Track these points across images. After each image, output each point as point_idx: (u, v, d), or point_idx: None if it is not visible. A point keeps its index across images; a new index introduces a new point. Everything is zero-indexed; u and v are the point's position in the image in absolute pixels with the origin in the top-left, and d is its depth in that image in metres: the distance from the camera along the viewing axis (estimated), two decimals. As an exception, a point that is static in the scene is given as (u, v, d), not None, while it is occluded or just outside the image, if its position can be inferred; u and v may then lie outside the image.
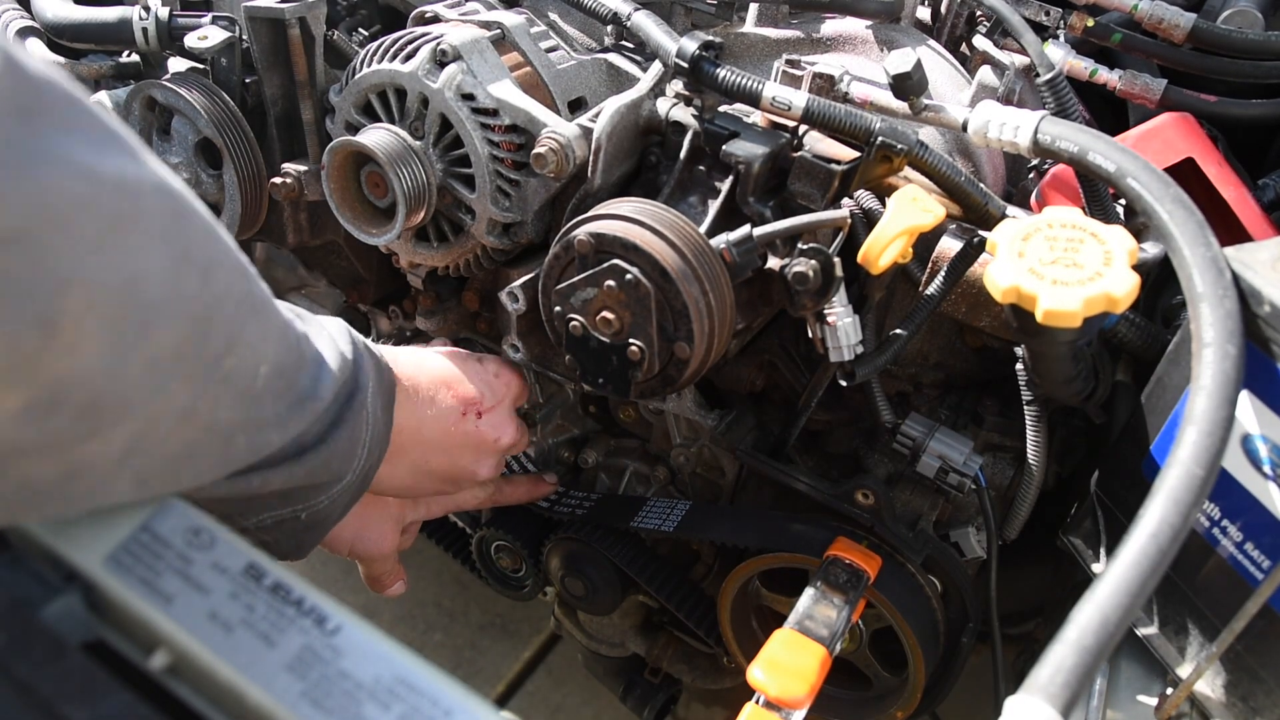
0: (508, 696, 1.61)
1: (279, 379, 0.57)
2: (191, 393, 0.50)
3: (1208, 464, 0.49)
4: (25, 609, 0.52)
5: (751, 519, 0.90)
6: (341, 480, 0.67)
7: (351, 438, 0.66)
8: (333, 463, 0.65)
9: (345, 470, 0.67)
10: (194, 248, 0.48)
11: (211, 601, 0.53)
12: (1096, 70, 0.93)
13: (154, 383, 0.47)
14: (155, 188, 0.45)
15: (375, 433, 0.69)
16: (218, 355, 0.51)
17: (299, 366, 0.59)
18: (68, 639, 0.51)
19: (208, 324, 0.49)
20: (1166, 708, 0.68)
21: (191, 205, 0.49)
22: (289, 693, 0.50)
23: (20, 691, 0.48)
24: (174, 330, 0.47)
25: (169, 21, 0.94)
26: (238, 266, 0.52)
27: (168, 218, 0.46)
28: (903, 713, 0.89)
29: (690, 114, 0.78)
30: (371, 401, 0.68)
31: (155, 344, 0.46)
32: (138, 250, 0.44)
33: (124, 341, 0.44)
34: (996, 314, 0.77)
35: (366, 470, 0.69)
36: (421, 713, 0.49)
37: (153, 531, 0.56)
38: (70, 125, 0.41)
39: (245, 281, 0.53)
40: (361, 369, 0.67)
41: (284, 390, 0.58)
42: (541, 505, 1.02)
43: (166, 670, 0.52)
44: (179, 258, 0.46)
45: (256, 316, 0.54)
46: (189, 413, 0.50)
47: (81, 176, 0.41)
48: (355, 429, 0.66)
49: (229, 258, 0.52)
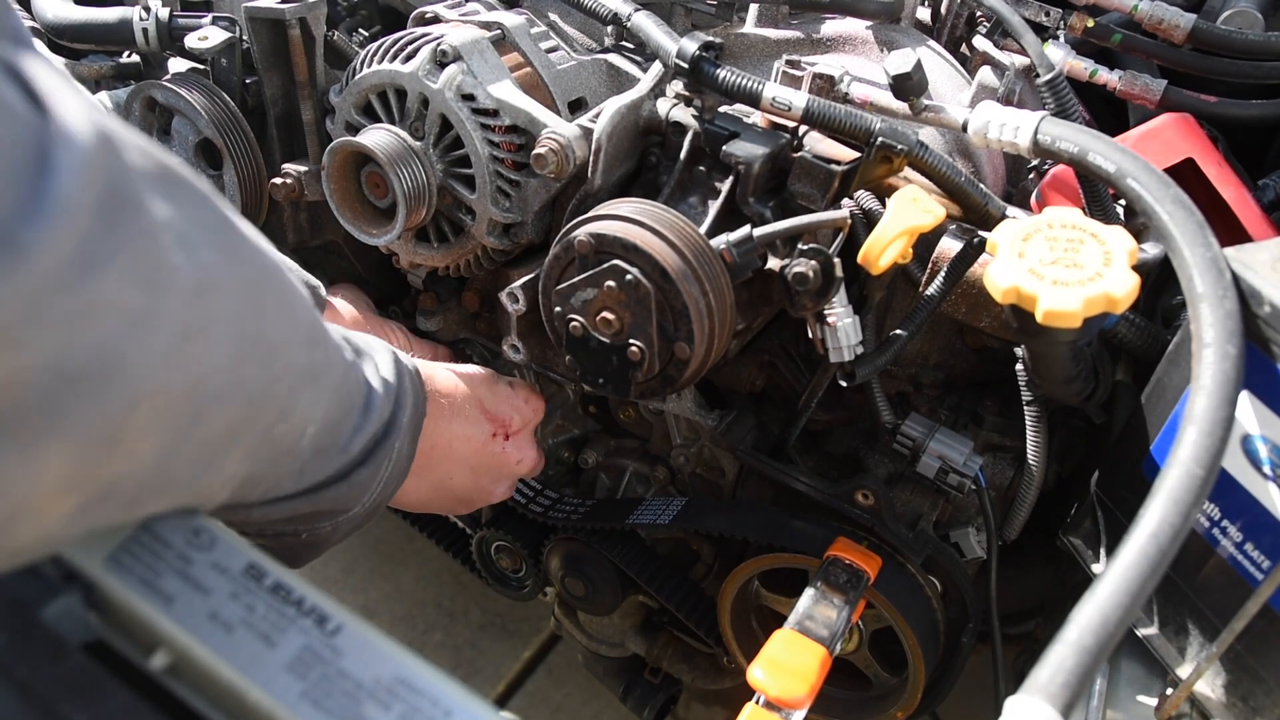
0: (508, 696, 1.61)
1: (325, 435, 0.57)
2: (237, 463, 0.49)
3: (1208, 464, 0.49)
4: (25, 609, 0.52)
5: (751, 512, 0.90)
6: (348, 512, 0.66)
7: (370, 475, 0.65)
8: (343, 499, 0.64)
9: (354, 504, 0.66)
10: (266, 331, 0.47)
11: (212, 601, 0.53)
12: (1096, 71, 0.93)
13: (204, 464, 0.46)
14: (240, 283, 0.44)
15: (395, 468, 0.68)
16: (270, 424, 0.50)
17: (346, 417, 0.59)
18: (68, 639, 0.51)
19: (265, 401, 0.48)
20: (1166, 708, 0.68)
21: (272, 285, 0.47)
22: (289, 693, 0.50)
23: (20, 691, 0.48)
24: (230, 413, 0.46)
25: (169, 22, 0.94)
26: (306, 337, 0.52)
27: (246, 312, 0.45)
28: (903, 713, 0.89)
29: (690, 114, 0.78)
30: (400, 439, 0.67)
31: (208, 429, 0.45)
32: (207, 354, 0.43)
33: (179, 434, 0.43)
34: (996, 314, 0.77)
35: (377, 503, 0.69)
36: (421, 713, 0.49)
37: (153, 531, 0.56)
38: (153, 222, 0.39)
39: (308, 351, 0.52)
40: (401, 405, 0.66)
41: (326, 445, 0.58)
42: (535, 510, 1.02)
43: (166, 670, 0.52)
44: (247, 347, 0.45)
45: (314, 384, 0.53)
46: (228, 479, 0.50)
47: (155, 285, 0.39)
48: (377, 468, 0.65)
49: (298, 330, 0.51)
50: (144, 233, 0.38)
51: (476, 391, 0.83)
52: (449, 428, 0.77)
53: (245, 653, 0.51)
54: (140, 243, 0.38)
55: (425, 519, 1.22)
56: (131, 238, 0.37)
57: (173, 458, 0.44)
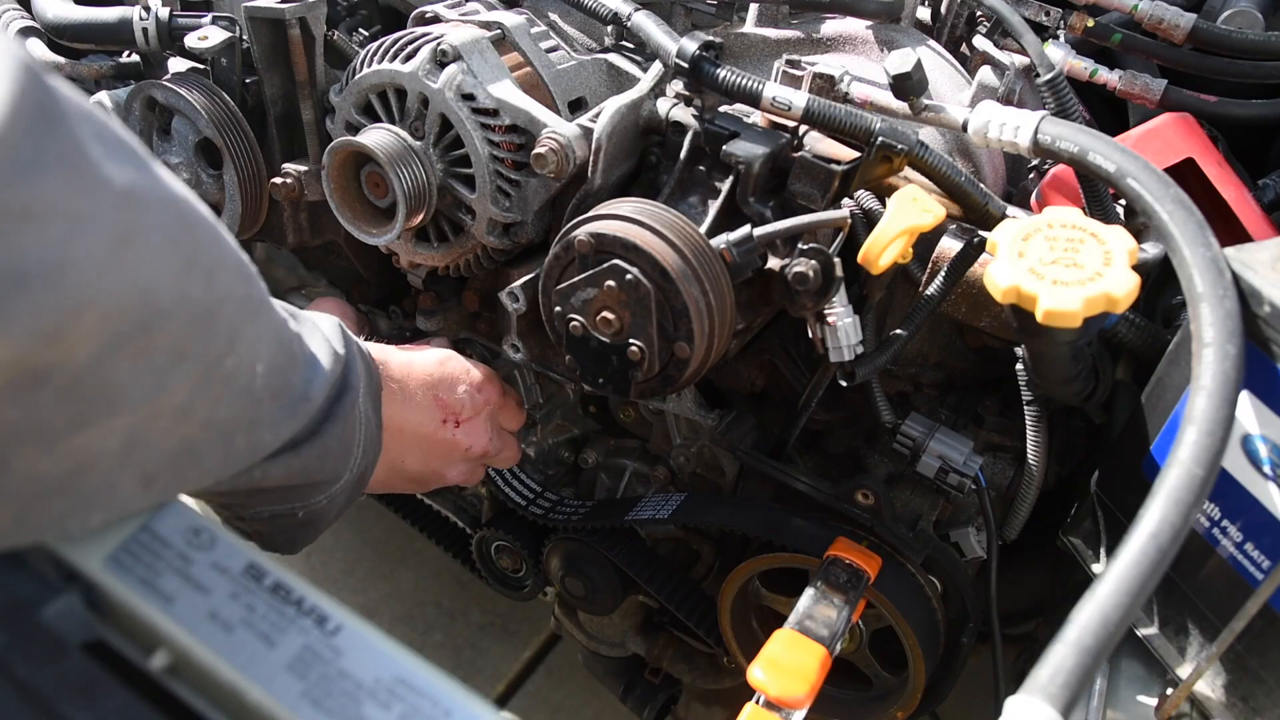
0: (508, 696, 1.61)
1: (275, 378, 0.58)
2: (190, 390, 0.50)
3: (1208, 464, 0.49)
4: (25, 609, 0.52)
5: (750, 508, 0.90)
6: (339, 480, 0.68)
7: (345, 436, 0.67)
8: (328, 461, 0.66)
9: (342, 470, 0.68)
10: (200, 253, 0.48)
11: (211, 601, 0.53)
12: (1096, 70, 0.93)
13: (151, 378, 0.47)
14: (163, 198, 0.46)
15: (368, 432, 0.70)
16: (219, 355, 0.51)
17: (292, 366, 0.61)
18: (68, 639, 0.51)
19: (210, 324, 0.50)
20: (1166, 708, 0.68)
21: (197, 210, 0.49)
22: (289, 693, 0.50)
23: (20, 691, 0.48)
24: (176, 331, 0.47)
25: (169, 21, 0.93)
26: (239, 268, 0.53)
27: (175, 226, 0.46)
28: (903, 713, 0.89)
29: (690, 114, 0.78)
30: (363, 402, 0.69)
31: (153, 343, 0.46)
32: (146, 262, 0.44)
33: (120, 338, 0.44)
34: (996, 314, 0.77)
35: (363, 469, 0.71)
36: (421, 713, 0.49)
37: (153, 531, 0.56)
38: (80, 137, 0.41)
39: (246, 283, 0.54)
40: (353, 369, 0.68)
41: (280, 389, 0.59)
42: (535, 512, 1.02)
43: (166, 670, 0.52)
44: (186, 263, 0.47)
45: (255, 317, 0.55)
46: (187, 409, 0.51)
47: (90, 190, 0.41)
48: (348, 428, 0.67)
49: (231, 259, 0.52)
50: (74, 142, 0.40)
51: (429, 377, 0.84)
52: (400, 411, 0.79)
53: (245, 653, 0.51)
54: (71, 151, 0.40)
55: (425, 519, 1.22)
56: (63, 145, 0.40)
57: (114, 360, 0.45)
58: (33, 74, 0.39)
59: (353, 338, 0.71)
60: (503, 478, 1.04)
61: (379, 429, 0.73)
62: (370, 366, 0.73)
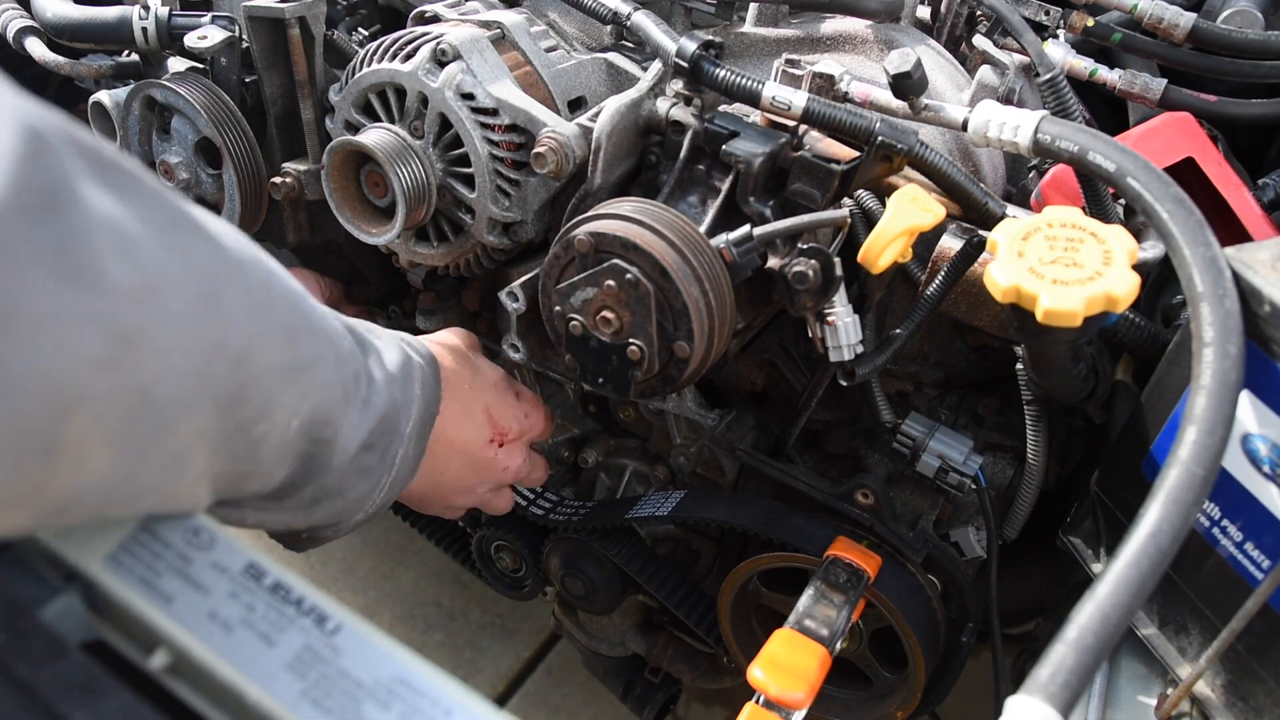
0: (508, 696, 1.61)
1: (319, 426, 0.55)
2: (210, 456, 0.47)
3: (1208, 463, 0.49)
4: (25, 609, 0.52)
5: (749, 504, 0.90)
6: (351, 520, 0.66)
7: (370, 488, 0.64)
8: (343, 512, 0.64)
9: (355, 513, 0.65)
10: (231, 333, 0.45)
11: (211, 601, 0.53)
12: (1096, 70, 0.93)
13: (174, 467, 0.45)
14: (189, 277, 0.42)
15: (399, 474, 0.67)
16: (245, 423, 0.48)
17: (340, 412, 0.57)
18: (68, 639, 0.51)
19: (239, 402, 0.47)
20: (1166, 708, 0.68)
21: (243, 278, 0.46)
22: (289, 692, 0.50)
23: (20, 691, 0.48)
24: (196, 419, 0.44)
25: (169, 21, 0.93)
26: (284, 335, 0.50)
27: (201, 311, 0.43)
28: (903, 712, 0.89)
29: (690, 113, 0.78)
30: (405, 445, 0.66)
31: (174, 437, 0.43)
32: (152, 360, 0.40)
33: (136, 447, 0.41)
34: (996, 313, 0.77)
35: (380, 507, 0.68)
36: (421, 713, 0.49)
37: (153, 532, 0.56)
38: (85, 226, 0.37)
39: (290, 349, 0.50)
40: (405, 412, 0.65)
41: (315, 436, 0.56)
42: (536, 512, 1.02)
43: (166, 670, 0.52)
44: (210, 349, 0.44)
45: (298, 380, 0.52)
46: (203, 473, 0.48)
47: (88, 288, 0.37)
48: (376, 480, 0.64)
49: (274, 329, 0.49)
50: (73, 232, 0.36)
51: (488, 394, 0.83)
52: (456, 425, 0.78)
53: (245, 652, 0.51)
54: (68, 242, 0.36)
55: (425, 519, 1.22)
56: (59, 237, 0.36)
57: (135, 469, 0.42)
58: (40, 146, 0.35)
59: (418, 363, 0.67)
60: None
61: (414, 466, 0.69)
62: (429, 396, 0.69)
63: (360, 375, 0.60)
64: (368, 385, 0.61)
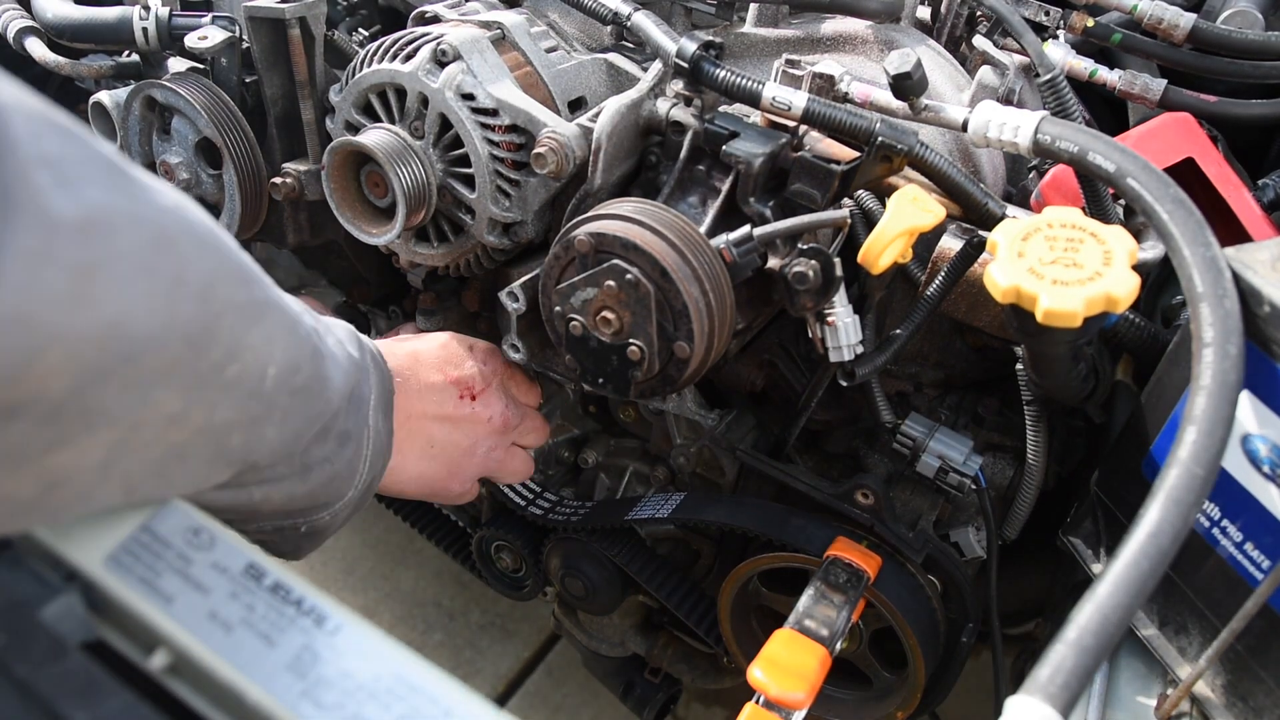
0: (508, 696, 1.61)
1: (293, 375, 0.56)
2: (184, 401, 0.48)
3: (1208, 464, 0.49)
4: (25, 609, 0.52)
5: (750, 507, 0.90)
6: (344, 498, 0.68)
7: (355, 455, 0.66)
8: (335, 482, 0.65)
9: (347, 489, 0.67)
10: (188, 269, 0.46)
11: (211, 601, 0.53)
12: (1096, 70, 0.93)
13: (137, 398, 0.45)
14: (135, 219, 0.43)
15: (377, 446, 0.70)
16: (219, 364, 0.49)
17: (311, 362, 0.59)
18: (68, 639, 0.51)
19: (207, 339, 0.48)
20: (1166, 708, 0.68)
21: (184, 221, 0.47)
22: (289, 692, 0.50)
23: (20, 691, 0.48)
24: (166, 353, 0.45)
25: (169, 21, 0.94)
26: (239, 272, 0.51)
27: (152, 248, 0.44)
28: (903, 712, 0.89)
29: (690, 114, 0.78)
30: (374, 415, 0.69)
31: (140, 368, 0.44)
32: (115, 294, 0.42)
33: (97, 371, 0.42)
34: (996, 314, 0.77)
35: (369, 484, 0.70)
36: (421, 713, 0.49)
37: (153, 531, 0.56)
38: (21, 167, 0.38)
39: (247, 288, 0.52)
40: (365, 380, 0.68)
41: (300, 386, 0.57)
42: (535, 512, 1.02)
43: (166, 670, 0.52)
44: (171, 284, 0.45)
45: (261, 321, 0.53)
46: (179, 418, 0.49)
47: (38, 226, 0.38)
48: (359, 446, 0.66)
49: (229, 266, 0.50)
50: (10, 172, 0.37)
51: (436, 358, 0.84)
52: (416, 401, 0.79)
53: (245, 652, 0.51)
54: (7, 180, 0.37)
55: (425, 519, 1.22)
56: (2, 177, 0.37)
57: (95, 388, 0.43)
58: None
59: (368, 344, 0.70)
60: None
61: (389, 438, 0.72)
62: (383, 373, 0.72)
63: (319, 338, 0.61)
64: (329, 351, 0.62)
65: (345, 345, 0.65)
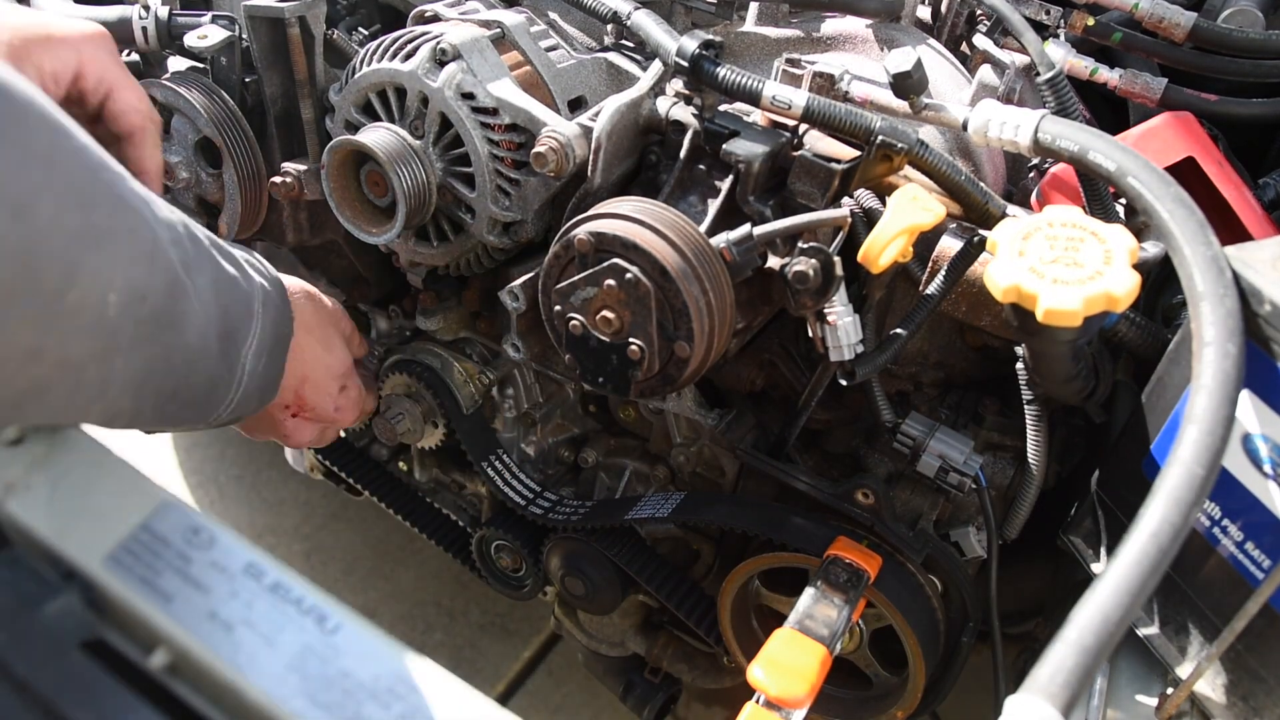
0: (508, 696, 1.61)
1: (138, 303, 0.56)
2: (34, 331, 0.49)
3: (1208, 463, 0.49)
4: (25, 609, 0.52)
5: (750, 506, 0.90)
6: (195, 424, 0.69)
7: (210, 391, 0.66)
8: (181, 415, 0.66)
9: (200, 419, 0.68)
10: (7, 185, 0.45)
11: (211, 601, 0.53)
12: (1097, 69, 0.93)
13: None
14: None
15: (248, 389, 0.70)
16: (56, 290, 0.49)
17: (164, 294, 0.58)
18: (68, 639, 0.51)
19: (34, 261, 0.48)
20: (1166, 708, 0.68)
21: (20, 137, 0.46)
22: (289, 691, 0.50)
23: (20, 691, 0.48)
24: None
25: (169, 21, 0.93)
26: (76, 196, 0.50)
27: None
28: (903, 712, 0.89)
29: (690, 113, 0.78)
30: (249, 359, 0.69)
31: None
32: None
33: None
34: (997, 313, 0.77)
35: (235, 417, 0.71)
36: (421, 712, 0.49)
37: (152, 531, 0.56)
38: None
39: (81, 213, 0.51)
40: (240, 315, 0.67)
41: (145, 316, 0.56)
42: (535, 512, 1.02)
43: (166, 669, 0.52)
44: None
45: (101, 246, 0.52)
46: (37, 352, 0.49)
47: None
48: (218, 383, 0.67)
49: (58, 188, 0.49)
50: None
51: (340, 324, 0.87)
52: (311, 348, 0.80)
53: (245, 652, 0.51)
54: None
55: (425, 519, 1.22)
56: None
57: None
58: None
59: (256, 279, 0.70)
60: (502, 478, 1.04)
61: (276, 379, 0.73)
62: (268, 320, 0.71)
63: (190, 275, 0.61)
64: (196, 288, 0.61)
65: (235, 287, 0.66)
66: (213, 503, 1.91)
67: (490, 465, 1.03)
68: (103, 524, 0.56)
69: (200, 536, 0.55)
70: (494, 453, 1.04)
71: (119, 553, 0.54)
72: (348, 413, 0.89)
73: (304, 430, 0.86)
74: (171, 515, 0.56)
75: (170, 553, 0.55)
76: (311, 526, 1.86)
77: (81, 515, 0.56)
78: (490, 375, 1.01)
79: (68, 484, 0.59)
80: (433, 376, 1.00)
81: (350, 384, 0.89)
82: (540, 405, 1.04)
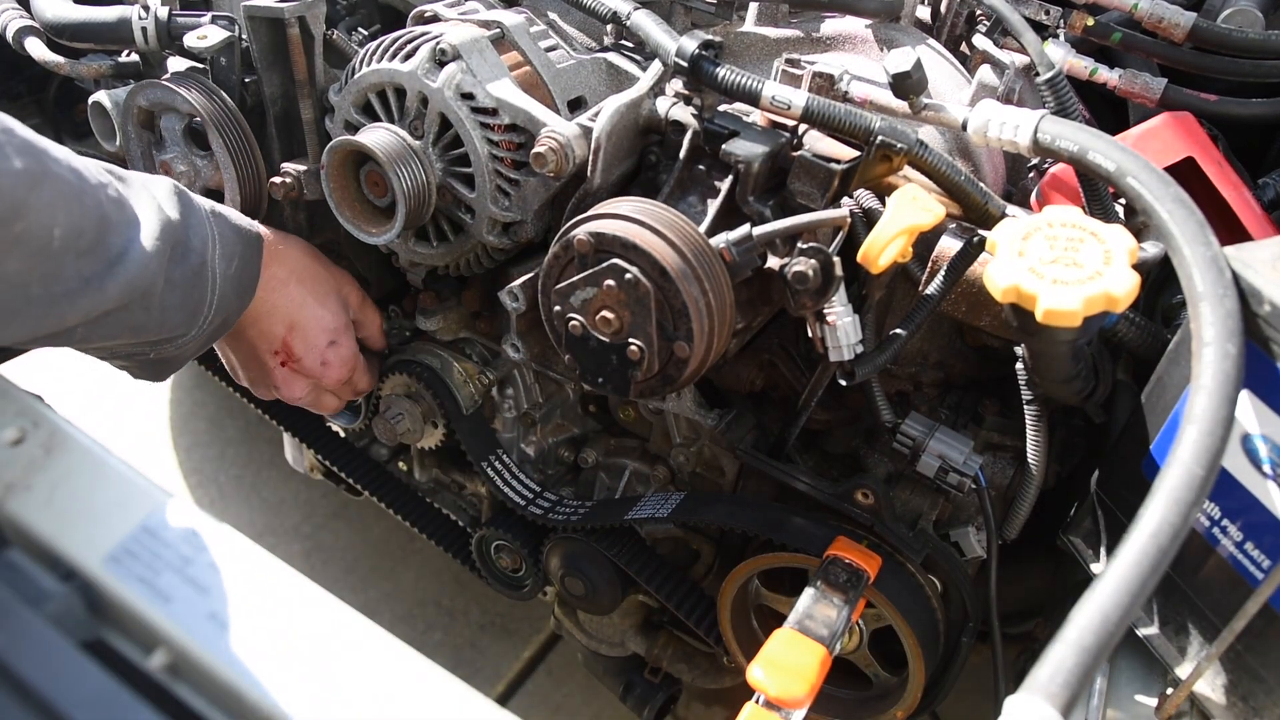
0: (508, 696, 1.61)
1: (79, 239, 0.65)
2: None
3: (1208, 463, 0.49)
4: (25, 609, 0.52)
5: (750, 506, 0.90)
6: (187, 334, 0.77)
7: (187, 299, 0.75)
8: (169, 319, 0.74)
9: (190, 326, 0.76)
10: None
11: (211, 601, 0.53)
12: (1096, 69, 0.93)
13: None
14: None
15: (224, 290, 0.78)
16: (4, 220, 0.58)
17: (96, 229, 0.66)
18: (68, 639, 0.51)
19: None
20: (1166, 708, 0.68)
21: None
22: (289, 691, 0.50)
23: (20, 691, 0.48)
24: None
25: (168, 21, 0.93)
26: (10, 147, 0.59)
27: None
28: (903, 712, 0.89)
29: (690, 113, 0.78)
30: (216, 263, 0.77)
31: None
32: None
33: None
34: (996, 313, 0.77)
35: (223, 320, 0.79)
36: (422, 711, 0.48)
37: (152, 531, 0.56)
38: None
39: (22, 158, 0.60)
40: (194, 233, 0.75)
41: (86, 249, 0.66)
42: (535, 512, 1.02)
43: (166, 669, 0.52)
44: None
45: (40, 187, 0.62)
46: None
47: None
48: (192, 291, 0.75)
49: None
50: None
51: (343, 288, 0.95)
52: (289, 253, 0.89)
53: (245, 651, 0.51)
54: None
55: (425, 519, 1.22)
56: None
57: None
58: None
59: (203, 203, 0.78)
60: (502, 478, 1.04)
61: (247, 282, 0.82)
62: (231, 226, 0.80)
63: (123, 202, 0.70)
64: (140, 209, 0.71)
65: (163, 206, 0.73)
66: (213, 503, 1.91)
67: (490, 465, 1.03)
68: (102, 524, 0.56)
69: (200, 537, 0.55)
70: (494, 453, 1.04)
71: (119, 553, 0.54)
72: (334, 369, 0.95)
73: (294, 383, 0.93)
74: (171, 515, 0.56)
75: (170, 553, 0.55)
76: (311, 526, 1.86)
77: (81, 515, 0.56)
78: (490, 375, 1.01)
79: (67, 484, 0.59)
80: (432, 377, 1.00)
81: (342, 342, 0.95)
82: (540, 405, 1.04)
